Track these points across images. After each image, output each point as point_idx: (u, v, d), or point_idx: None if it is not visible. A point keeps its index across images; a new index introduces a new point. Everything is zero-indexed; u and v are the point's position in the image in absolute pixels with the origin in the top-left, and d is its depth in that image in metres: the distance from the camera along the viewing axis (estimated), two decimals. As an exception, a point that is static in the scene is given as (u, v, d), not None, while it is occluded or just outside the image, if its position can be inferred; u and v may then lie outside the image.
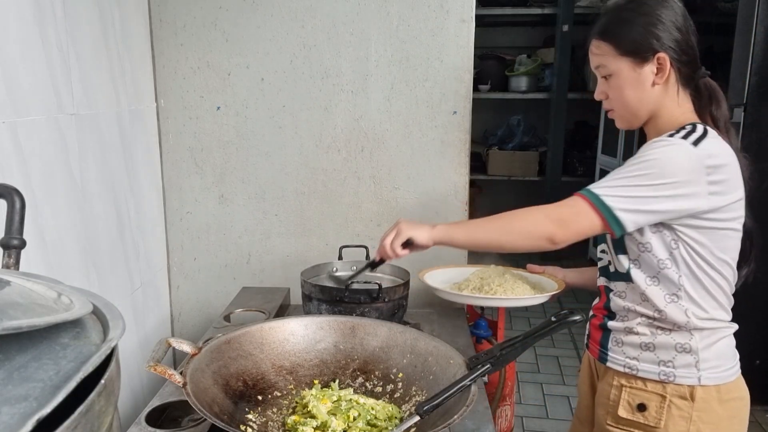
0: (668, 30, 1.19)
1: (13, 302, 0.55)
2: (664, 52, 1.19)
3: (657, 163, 1.14)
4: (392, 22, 1.83)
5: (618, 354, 1.28)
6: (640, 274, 1.23)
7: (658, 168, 1.13)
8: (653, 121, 1.26)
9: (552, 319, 1.03)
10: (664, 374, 1.22)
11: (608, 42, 1.23)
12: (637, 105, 1.24)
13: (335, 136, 1.92)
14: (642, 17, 1.20)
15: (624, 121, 1.29)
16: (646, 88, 1.22)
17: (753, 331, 2.79)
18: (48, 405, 0.40)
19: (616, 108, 1.28)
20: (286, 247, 2.00)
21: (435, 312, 1.84)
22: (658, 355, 1.23)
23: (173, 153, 1.95)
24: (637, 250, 1.22)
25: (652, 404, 1.22)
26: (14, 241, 0.79)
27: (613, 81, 1.24)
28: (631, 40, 1.21)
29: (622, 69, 1.22)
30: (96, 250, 1.53)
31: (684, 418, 1.20)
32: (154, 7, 1.86)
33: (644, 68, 1.21)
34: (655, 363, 1.23)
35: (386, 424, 1.03)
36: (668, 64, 1.20)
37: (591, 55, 1.28)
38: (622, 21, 1.22)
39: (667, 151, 1.15)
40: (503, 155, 4.61)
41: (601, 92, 1.29)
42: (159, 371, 0.91)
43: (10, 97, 1.19)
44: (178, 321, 2.07)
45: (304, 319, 1.25)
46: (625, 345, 1.27)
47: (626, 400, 1.25)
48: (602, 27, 1.25)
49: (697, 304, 1.21)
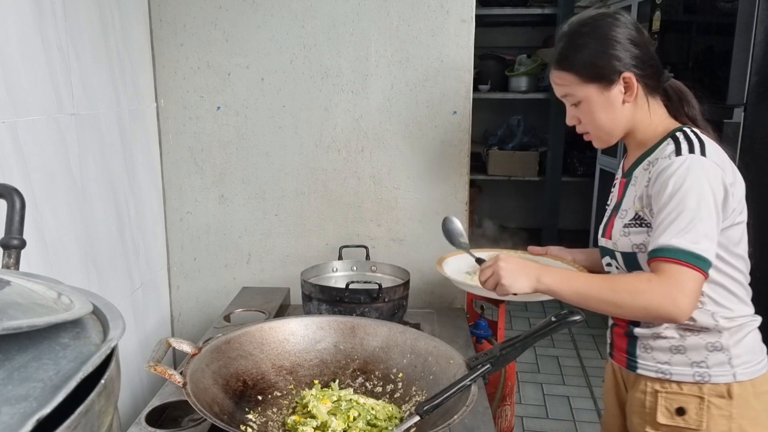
0: (626, 48, 1.20)
1: (13, 302, 0.55)
2: (628, 71, 1.20)
3: (695, 191, 1.12)
4: (392, 22, 1.83)
5: (648, 360, 1.26)
6: None
7: (698, 194, 1.12)
8: (631, 135, 1.28)
9: (552, 319, 1.03)
10: (698, 375, 1.21)
11: (570, 71, 1.23)
12: (611, 125, 1.25)
13: (335, 136, 1.92)
14: (598, 41, 1.21)
15: (601, 141, 1.30)
16: (617, 107, 1.23)
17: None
18: (48, 405, 0.40)
19: (591, 130, 1.28)
20: (286, 247, 2.00)
21: (435, 312, 1.84)
22: (690, 356, 1.21)
23: (173, 153, 1.95)
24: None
25: (691, 407, 1.20)
26: (14, 241, 0.79)
27: (583, 107, 1.25)
28: (593, 67, 1.21)
29: (590, 95, 1.23)
30: (96, 250, 1.53)
31: (724, 416, 1.19)
32: (154, 7, 1.86)
33: (612, 90, 1.22)
34: (688, 365, 1.22)
35: (386, 424, 1.03)
36: (635, 82, 1.21)
37: (555, 85, 1.28)
38: (580, 47, 1.22)
39: (692, 173, 1.13)
40: (503, 155, 4.61)
41: (573, 117, 1.30)
42: (159, 371, 0.91)
43: (10, 97, 1.19)
44: (178, 321, 2.07)
45: (304, 319, 1.25)
46: (654, 350, 1.25)
47: (664, 405, 1.23)
48: (560, 56, 1.25)
49: (721, 305, 1.21)
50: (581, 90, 1.23)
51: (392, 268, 1.70)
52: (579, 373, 3.19)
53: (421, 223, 1.95)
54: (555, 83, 1.28)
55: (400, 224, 1.95)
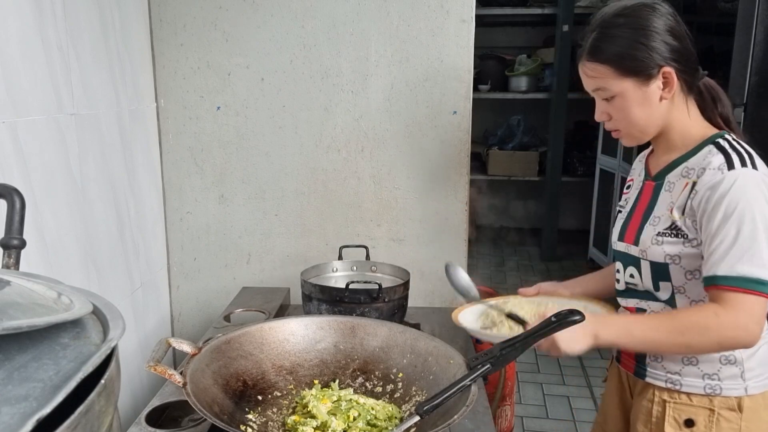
0: (666, 40, 1.13)
1: (13, 302, 0.55)
2: (668, 66, 1.13)
3: (751, 213, 1.07)
4: (392, 22, 1.83)
5: (658, 369, 1.23)
6: (684, 299, 1.18)
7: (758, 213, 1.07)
8: (664, 135, 1.21)
9: (552, 319, 1.03)
10: (710, 387, 1.18)
11: (605, 64, 1.15)
12: (646, 123, 1.18)
13: (335, 136, 1.92)
14: (637, 32, 1.13)
15: (633, 139, 1.23)
16: (654, 104, 1.15)
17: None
18: (48, 405, 0.40)
19: (623, 127, 1.20)
20: (286, 247, 2.00)
21: (435, 312, 1.84)
22: (702, 368, 1.18)
23: (173, 153, 1.95)
24: (684, 278, 1.17)
25: (700, 419, 1.18)
26: (14, 241, 0.79)
27: (617, 102, 1.17)
28: (631, 60, 1.13)
29: (627, 89, 1.15)
30: (96, 250, 1.53)
31: (733, 429, 1.16)
32: (154, 7, 1.86)
33: (650, 86, 1.14)
34: (699, 377, 1.18)
35: (386, 424, 1.03)
36: (674, 78, 1.13)
37: (586, 78, 1.20)
38: (617, 39, 1.14)
39: (747, 194, 1.07)
40: (503, 155, 4.61)
41: (603, 113, 1.21)
42: (159, 371, 0.91)
43: (10, 97, 1.19)
44: (178, 321, 2.07)
45: (304, 319, 1.25)
46: (665, 360, 1.22)
47: (672, 416, 1.20)
48: (594, 47, 1.16)
49: None
50: (617, 84, 1.15)
51: (392, 268, 1.70)
52: (579, 373, 3.19)
53: (421, 223, 1.95)
54: (587, 75, 1.19)
55: (400, 224, 1.95)
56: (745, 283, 1.05)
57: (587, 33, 1.18)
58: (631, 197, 1.30)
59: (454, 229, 1.93)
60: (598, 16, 1.19)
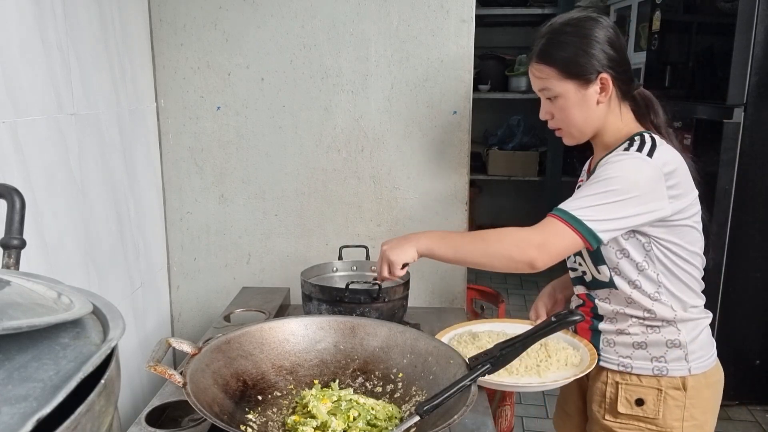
0: (606, 50, 1.26)
1: (13, 302, 0.55)
2: (605, 72, 1.25)
3: (620, 180, 1.19)
4: (392, 22, 1.83)
5: (611, 354, 1.34)
6: (621, 280, 1.29)
7: (622, 183, 1.19)
8: (599, 136, 1.33)
9: (552, 319, 1.03)
10: (657, 369, 1.29)
11: (551, 66, 1.28)
12: (584, 123, 1.30)
13: (335, 136, 1.92)
14: (581, 40, 1.26)
15: (572, 138, 1.35)
16: (591, 107, 1.28)
17: (753, 331, 2.79)
18: (48, 405, 0.40)
19: (563, 127, 1.33)
20: (286, 247, 2.00)
21: (435, 312, 1.84)
22: (651, 352, 1.30)
23: (173, 153, 1.95)
24: (615, 258, 1.28)
25: (649, 398, 1.30)
26: (14, 241, 0.78)
27: (558, 102, 1.30)
28: (574, 64, 1.26)
29: (568, 91, 1.27)
30: (96, 250, 1.53)
31: (678, 406, 1.29)
32: (154, 7, 1.86)
33: (588, 89, 1.27)
34: (648, 360, 1.30)
35: (386, 424, 1.03)
36: (610, 83, 1.26)
37: (533, 77, 1.33)
38: (563, 45, 1.27)
39: (627, 165, 1.21)
40: (503, 155, 4.61)
41: (547, 112, 1.34)
42: (159, 371, 0.91)
43: (10, 97, 1.19)
44: (178, 321, 2.07)
45: (304, 319, 1.25)
46: (617, 345, 1.33)
47: (624, 396, 1.32)
48: (543, 51, 1.29)
49: (677, 298, 1.28)
50: (559, 85, 1.28)
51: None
52: (579, 373, 3.19)
53: (421, 223, 1.95)
54: (534, 76, 1.33)
55: (400, 224, 1.95)
56: (563, 214, 1.20)
57: (537, 38, 1.32)
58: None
59: (454, 229, 1.93)
60: (548, 24, 1.33)
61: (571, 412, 1.51)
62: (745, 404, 2.82)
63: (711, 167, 2.63)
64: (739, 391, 2.76)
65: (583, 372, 1.26)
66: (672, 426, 1.29)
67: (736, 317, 2.73)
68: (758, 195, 2.66)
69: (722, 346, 1.35)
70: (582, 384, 1.44)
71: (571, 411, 1.51)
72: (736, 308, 2.73)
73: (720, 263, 2.67)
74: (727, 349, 2.82)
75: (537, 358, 1.31)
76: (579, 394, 1.47)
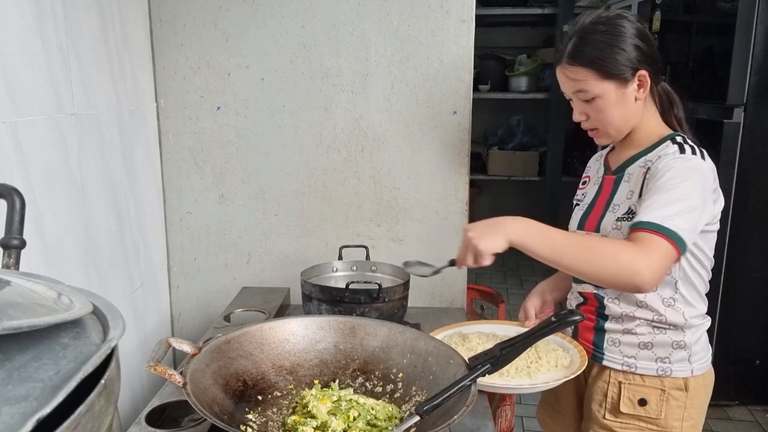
0: (638, 45, 1.23)
1: (13, 302, 0.55)
2: (643, 69, 1.23)
3: (695, 183, 1.18)
4: (392, 22, 1.83)
5: (615, 353, 1.33)
6: None
7: (698, 186, 1.18)
8: (632, 133, 1.31)
9: (552, 319, 1.03)
10: (661, 370, 1.29)
11: (587, 67, 1.23)
12: (623, 122, 1.27)
13: (335, 136, 1.92)
14: (615, 38, 1.22)
15: (608, 138, 1.33)
16: (630, 105, 1.26)
17: (753, 331, 2.79)
18: (48, 405, 0.40)
19: (601, 127, 1.30)
20: (286, 247, 2.00)
21: (435, 312, 1.84)
22: (656, 352, 1.30)
23: (173, 153, 1.95)
24: None
25: (652, 398, 1.30)
26: (14, 241, 0.78)
27: (596, 103, 1.26)
28: (612, 63, 1.22)
29: (607, 91, 1.24)
30: (96, 250, 1.53)
31: (679, 407, 1.30)
32: (154, 7, 1.86)
33: (627, 88, 1.24)
34: (653, 360, 1.30)
35: (386, 424, 1.03)
36: (648, 79, 1.24)
37: (566, 80, 1.28)
38: (597, 44, 1.23)
39: (696, 169, 1.19)
40: (503, 155, 4.61)
41: (581, 113, 1.30)
42: (159, 371, 0.91)
43: (10, 97, 1.19)
44: (178, 321, 2.07)
45: (304, 319, 1.25)
46: (622, 345, 1.33)
47: (627, 396, 1.31)
48: (575, 51, 1.25)
49: (689, 304, 1.28)
50: (597, 86, 1.24)
51: (392, 268, 1.70)
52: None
53: (421, 223, 1.95)
54: (568, 78, 1.27)
55: (400, 224, 1.95)
56: (656, 227, 1.14)
57: (567, 39, 1.27)
58: (590, 191, 1.41)
59: (454, 229, 1.93)
60: (577, 23, 1.28)
61: (564, 410, 1.50)
62: (745, 404, 2.82)
63: (711, 167, 2.62)
64: (739, 391, 2.76)
65: (574, 374, 1.25)
66: (672, 426, 1.30)
67: (736, 317, 2.73)
68: (758, 195, 2.66)
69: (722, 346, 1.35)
70: (578, 383, 1.43)
71: (564, 409, 1.51)
72: (736, 308, 2.73)
73: (720, 263, 2.68)
74: (727, 349, 2.85)
75: (528, 360, 1.30)
76: (574, 393, 1.47)
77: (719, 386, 1.41)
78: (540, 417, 1.62)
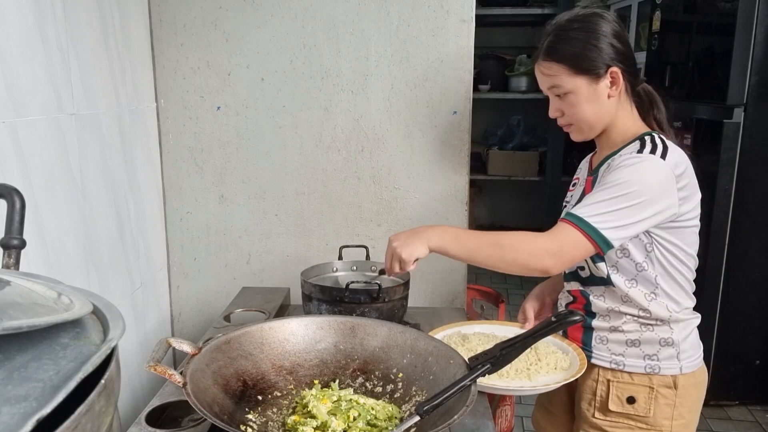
0: (614, 44, 1.25)
1: (13, 302, 0.55)
2: (615, 66, 1.25)
3: (634, 184, 1.19)
4: (392, 22, 1.83)
5: (603, 351, 1.35)
6: (619, 278, 1.29)
7: (636, 187, 1.19)
8: (607, 132, 1.33)
9: (552, 319, 1.03)
10: (650, 367, 1.30)
11: (561, 63, 1.27)
12: (595, 118, 1.29)
13: (335, 136, 1.92)
14: (589, 35, 1.25)
15: (581, 134, 1.34)
16: (603, 101, 1.27)
17: (753, 331, 2.79)
18: (48, 405, 0.40)
19: (574, 122, 1.32)
20: (286, 247, 2.00)
21: (435, 312, 1.84)
22: (644, 350, 1.31)
23: (173, 153, 1.95)
24: (615, 257, 1.28)
25: (641, 396, 1.30)
26: (14, 241, 0.78)
27: (569, 98, 1.29)
28: (583, 59, 1.25)
29: (579, 86, 1.26)
30: (96, 250, 1.53)
31: (669, 405, 1.30)
32: (154, 7, 1.86)
33: (599, 84, 1.26)
34: (641, 357, 1.31)
35: (386, 424, 1.03)
36: (621, 77, 1.26)
37: (542, 76, 1.31)
38: (571, 40, 1.26)
39: (641, 168, 1.20)
40: (503, 155, 4.61)
41: (556, 110, 1.33)
42: (159, 371, 0.91)
43: (10, 97, 1.19)
44: (178, 321, 2.07)
45: (304, 319, 1.25)
46: (610, 342, 1.34)
47: (615, 394, 1.32)
48: (551, 48, 1.28)
49: (672, 299, 1.29)
50: (570, 81, 1.27)
51: (392, 268, 1.70)
52: (579, 373, 3.18)
53: (421, 223, 1.94)
54: (542, 74, 1.31)
55: (400, 224, 1.95)
56: (577, 220, 1.19)
57: (543, 36, 1.31)
58: (576, 193, 1.43)
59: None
60: (554, 21, 1.31)
61: (557, 410, 1.52)
62: (745, 404, 2.82)
63: (711, 167, 2.63)
64: (739, 391, 2.76)
65: (573, 377, 1.26)
66: (661, 424, 1.30)
67: (736, 317, 2.73)
68: (758, 195, 2.66)
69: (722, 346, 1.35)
70: (570, 383, 1.42)
71: (556, 410, 1.52)
72: (736, 308, 2.73)
73: (720, 263, 2.68)
74: (727, 349, 2.85)
75: (527, 362, 1.30)
76: (566, 393, 1.47)
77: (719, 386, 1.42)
78: (534, 418, 1.63)
